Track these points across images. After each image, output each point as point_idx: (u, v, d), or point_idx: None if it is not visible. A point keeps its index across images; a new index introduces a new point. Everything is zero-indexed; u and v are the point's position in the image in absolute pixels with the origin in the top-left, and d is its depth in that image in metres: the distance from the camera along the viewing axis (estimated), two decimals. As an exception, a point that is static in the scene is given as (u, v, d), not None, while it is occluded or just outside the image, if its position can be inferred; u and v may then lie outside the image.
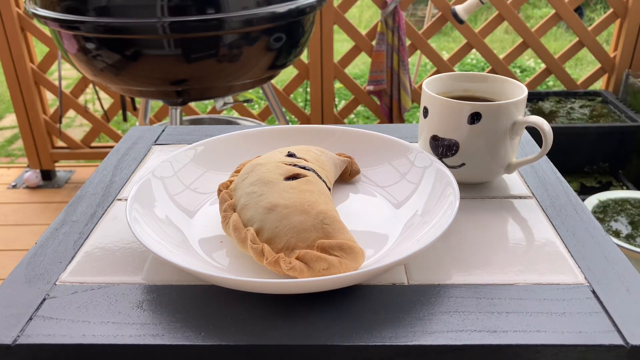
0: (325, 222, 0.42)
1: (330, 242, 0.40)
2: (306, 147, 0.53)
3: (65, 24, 1.05)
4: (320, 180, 0.47)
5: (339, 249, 0.40)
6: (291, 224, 0.41)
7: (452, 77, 0.58)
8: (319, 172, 0.49)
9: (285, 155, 0.50)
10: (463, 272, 0.43)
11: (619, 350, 0.36)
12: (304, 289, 0.38)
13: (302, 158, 0.50)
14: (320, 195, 0.45)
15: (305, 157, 0.50)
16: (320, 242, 0.40)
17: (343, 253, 0.40)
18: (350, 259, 0.40)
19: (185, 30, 1.02)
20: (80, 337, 0.37)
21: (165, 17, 1.01)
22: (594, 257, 0.45)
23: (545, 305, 0.39)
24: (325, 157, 0.53)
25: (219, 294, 0.41)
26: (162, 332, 0.38)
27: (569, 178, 1.75)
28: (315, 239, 0.41)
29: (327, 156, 0.53)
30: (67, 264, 0.45)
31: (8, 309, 0.40)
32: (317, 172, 0.48)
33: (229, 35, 1.07)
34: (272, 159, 0.49)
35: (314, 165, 0.49)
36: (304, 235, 0.41)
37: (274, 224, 0.42)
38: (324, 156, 0.53)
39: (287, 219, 0.42)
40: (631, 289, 0.41)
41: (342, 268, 0.39)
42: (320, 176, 0.48)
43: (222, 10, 1.04)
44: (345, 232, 0.42)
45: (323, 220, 0.42)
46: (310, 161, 0.50)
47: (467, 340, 0.36)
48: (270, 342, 0.37)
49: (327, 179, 0.49)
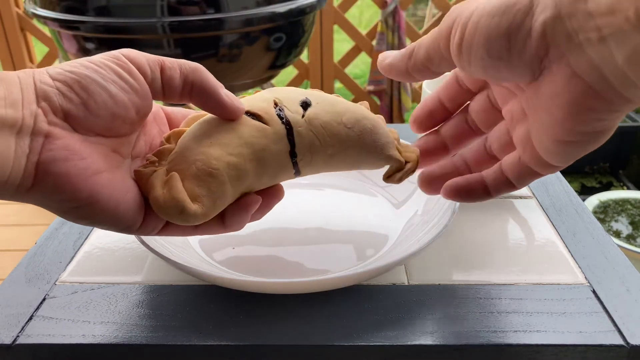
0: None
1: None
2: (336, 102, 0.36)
3: (65, 23, 1.05)
4: (280, 139, 0.34)
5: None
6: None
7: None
8: (303, 134, 0.34)
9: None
10: (463, 272, 0.43)
11: (619, 350, 0.36)
12: (304, 289, 0.38)
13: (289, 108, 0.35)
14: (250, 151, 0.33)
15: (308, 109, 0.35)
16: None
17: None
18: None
19: (185, 30, 1.02)
20: (80, 337, 0.37)
21: (165, 17, 1.01)
22: (595, 257, 0.45)
23: (546, 305, 0.39)
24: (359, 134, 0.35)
25: (219, 294, 0.41)
26: (162, 332, 0.37)
27: (570, 178, 1.75)
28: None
29: (369, 134, 0.36)
30: (67, 264, 0.45)
31: (8, 309, 0.40)
32: (296, 131, 0.34)
33: (228, 35, 1.07)
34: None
35: (305, 126, 0.34)
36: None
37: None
38: (369, 134, 0.36)
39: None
40: (631, 289, 0.41)
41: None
42: (296, 137, 0.34)
43: (222, 10, 1.04)
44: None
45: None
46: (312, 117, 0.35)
47: (467, 340, 0.36)
48: (270, 342, 0.37)
49: (311, 149, 0.35)
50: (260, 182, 0.35)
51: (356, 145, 0.35)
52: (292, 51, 1.21)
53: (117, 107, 0.30)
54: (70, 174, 0.28)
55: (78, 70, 0.29)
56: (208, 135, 0.33)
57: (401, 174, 0.37)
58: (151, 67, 0.31)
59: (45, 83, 0.28)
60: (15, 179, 0.27)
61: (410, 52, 0.34)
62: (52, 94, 0.28)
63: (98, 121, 0.29)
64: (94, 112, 0.29)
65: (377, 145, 0.36)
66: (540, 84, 0.28)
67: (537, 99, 0.29)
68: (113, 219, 0.30)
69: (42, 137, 0.27)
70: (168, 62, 0.32)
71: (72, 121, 0.29)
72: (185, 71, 0.32)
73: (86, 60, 0.30)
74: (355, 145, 0.35)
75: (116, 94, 0.30)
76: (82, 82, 0.29)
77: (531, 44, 0.26)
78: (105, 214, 0.30)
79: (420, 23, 3.39)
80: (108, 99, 0.29)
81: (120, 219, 0.31)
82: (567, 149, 0.29)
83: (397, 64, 0.35)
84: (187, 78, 0.32)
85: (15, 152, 0.27)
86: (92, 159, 0.29)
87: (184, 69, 0.32)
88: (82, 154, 0.28)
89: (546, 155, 0.31)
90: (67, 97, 0.28)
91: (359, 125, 0.35)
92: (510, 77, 0.29)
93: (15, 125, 0.27)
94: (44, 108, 0.28)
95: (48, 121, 0.28)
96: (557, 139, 0.29)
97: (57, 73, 0.29)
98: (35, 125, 0.27)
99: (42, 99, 0.28)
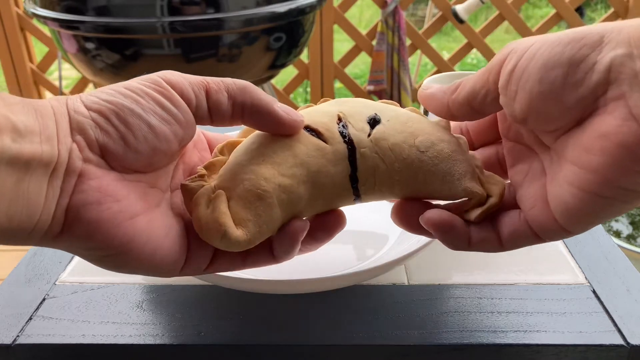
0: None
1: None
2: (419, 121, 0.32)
3: (65, 23, 1.05)
4: (338, 161, 0.30)
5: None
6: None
7: (453, 77, 0.58)
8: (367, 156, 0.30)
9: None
10: (463, 272, 0.43)
11: (619, 350, 0.36)
12: (304, 289, 0.38)
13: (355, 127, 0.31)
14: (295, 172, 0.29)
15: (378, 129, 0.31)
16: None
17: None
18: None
19: (185, 29, 1.02)
20: (80, 337, 0.37)
21: (164, 17, 1.01)
22: (595, 257, 0.45)
23: (546, 305, 0.39)
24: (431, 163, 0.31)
25: (219, 294, 0.41)
26: (162, 332, 0.37)
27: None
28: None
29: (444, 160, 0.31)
30: (67, 264, 0.45)
31: (8, 309, 0.40)
32: (359, 152, 0.30)
33: (228, 35, 1.07)
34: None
35: (370, 148, 0.30)
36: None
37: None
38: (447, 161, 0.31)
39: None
40: (631, 289, 0.41)
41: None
42: (358, 159, 0.30)
43: (222, 9, 1.04)
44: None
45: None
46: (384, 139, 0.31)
47: (467, 340, 0.36)
48: (270, 342, 0.37)
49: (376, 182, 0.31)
50: (314, 208, 0.31)
51: (428, 172, 0.30)
52: (292, 51, 1.21)
53: (158, 141, 0.27)
54: (102, 220, 0.25)
55: (115, 99, 0.26)
56: (261, 152, 0.30)
57: (481, 211, 0.30)
58: (195, 92, 0.28)
59: (79, 113, 0.25)
60: (43, 225, 0.24)
61: (456, 86, 0.31)
62: (88, 125, 0.25)
63: (137, 157, 0.26)
64: (133, 147, 0.26)
65: (454, 174, 0.30)
66: (584, 128, 0.25)
67: (571, 148, 0.26)
68: (150, 266, 0.27)
69: (74, 177, 0.25)
70: (213, 83, 0.29)
71: (109, 157, 0.26)
72: (233, 93, 0.29)
73: (123, 87, 0.27)
74: (427, 172, 0.30)
75: (157, 126, 0.26)
76: (120, 113, 0.26)
77: (592, 78, 0.24)
78: (141, 262, 0.27)
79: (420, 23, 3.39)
80: (149, 132, 0.26)
81: (158, 265, 0.27)
82: (594, 208, 0.25)
83: (439, 95, 0.31)
84: (236, 100, 0.29)
85: (47, 195, 0.24)
86: (127, 201, 0.26)
87: (232, 91, 0.29)
88: (116, 196, 0.25)
89: (563, 214, 0.26)
90: (104, 129, 0.26)
91: (434, 149, 0.30)
92: (554, 114, 0.26)
93: (51, 164, 0.24)
94: (79, 142, 0.25)
95: (83, 158, 0.25)
96: (589, 191, 0.25)
97: (92, 102, 0.26)
98: (70, 162, 0.24)
99: (77, 131, 0.25)
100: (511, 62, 0.27)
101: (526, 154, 0.30)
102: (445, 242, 0.30)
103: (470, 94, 0.29)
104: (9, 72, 1.93)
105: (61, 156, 0.24)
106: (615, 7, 1.88)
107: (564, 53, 0.25)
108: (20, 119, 0.23)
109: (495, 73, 0.28)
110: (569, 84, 0.25)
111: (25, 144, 0.23)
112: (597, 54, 0.24)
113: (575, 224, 0.26)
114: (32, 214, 0.23)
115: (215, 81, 0.29)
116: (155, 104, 0.27)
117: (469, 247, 0.30)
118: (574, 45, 0.25)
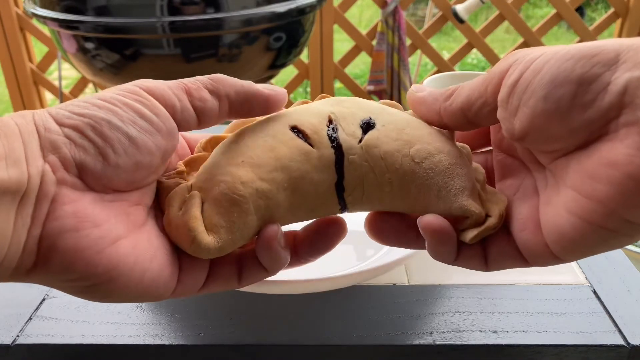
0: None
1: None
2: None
3: (65, 23, 1.05)
4: (326, 167, 0.28)
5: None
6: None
7: (453, 77, 0.58)
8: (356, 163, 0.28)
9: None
10: (463, 272, 0.43)
11: (619, 351, 0.36)
12: (304, 289, 0.38)
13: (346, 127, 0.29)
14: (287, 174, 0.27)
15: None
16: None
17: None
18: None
19: (185, 29, 1.02)
20: (80, 337, 0.37)
21: (164, 17, 1.01)
22: (595, 257, 0.45)
23: (546, 306, 0.39)
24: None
25: (219, 294, 0.41)
26: (162, 332, 0.37)
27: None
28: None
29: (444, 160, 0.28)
30: (67, 264, 0.45)
31: (7, 309, 0.40)
32: (347, 160, 0.28)
33: (228, 35, 1.07)
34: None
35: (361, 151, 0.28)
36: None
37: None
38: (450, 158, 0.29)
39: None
40: (632, 289, 0.41)
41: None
42: (346, 167, 0.28)
43: (221, 9, 1.04)
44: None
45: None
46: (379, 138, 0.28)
47: (467, 340, 0.36)
48: (270, 342, 0.37)
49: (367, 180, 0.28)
50: (295, 216, 0.28)
51: (422, 186, 0.28)
52: (292, 51, 1.21)
53: (140, 154, 0.24)
54: (81, 248, 0.22)
55: (89, 112, 0.24)
56: (241, 152, 0.28)
57: (477, 232, 0.27)
58: (177, 95, 0.26)
59: (50, 130, 0.23)
60: (11, 260, 0.22)
61: (450, 92, 0.28)
62: (62, 143, 0.23)
63: (118, 173, 0.24)
64: (113, 162, 0.24)
65: (450, 190, 0.28)
66: (590, 152, 0.23)
67: (573, 172, 0.24)
68: (139, 292, 0.25)
69: (47, 202, 0.22)
70: (190, 83, 0.27)
71: (87, 176, 0.23)
72: (212, 87, 0.27)
73: (96, 98, 0.25)
74: (421, 185, 0.28)
75: (138, 138, 0.24)
76: (97, 126, 0.23)
77: (604, 99, 0.22)
78: (129, 289, 0.24)
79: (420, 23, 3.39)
80: (129, 145, 0.24)
81: (147, 290, 0.25)
82: (594, 239, 0.23)
83: (429, 101, 0.29)
84: (219, 93, 0.27)
85: (15, 225, 0.21)
86: (108, 224, 0.24)
87: (211, 85, 0.27)
88: (95, 220, 0.23)
89: (557, 243, 0.24)
90: (80, 145, 0.23)
91: (430, 160, 0.28)
92: (557, 135, 0.24)
93: (19, 190, 0.21)
94: (53, 162, 0.23)
95: (57, 179, 0.22)
96: (590, 221, 0.23)
97: (63, 116, 0.23)
98: (42, 186, 0.22)
99: (49, 150, 0.23)
100: (515, 73, 0.25)
101: (518, 169, 0.29)
102: (434, 252, 0.28)
103: (465, 104, 0.27)
104: (8, 72, 1.93)
105: (32, 180, 0.22)
106: (615, 7, 1.88)
107: (574, 70, 0.23)
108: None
109: (495, 84, 0.26)
110: (578, 104, 0.23)
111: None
112: (611, 73, 0.22)
113: (569, 253, 0.25)
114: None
115: (190, 81, 0.27)
116: (134, 113, 0.24)
117: (454, 262, 0.28)
118: (586, 62, 0.23)
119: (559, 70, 0.23)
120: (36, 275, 0.23)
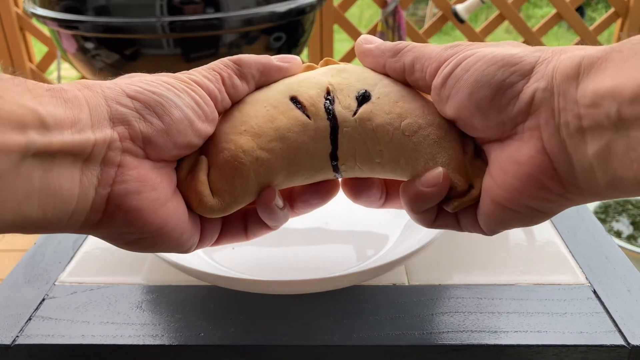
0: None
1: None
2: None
3: (65, 23, 1.05)
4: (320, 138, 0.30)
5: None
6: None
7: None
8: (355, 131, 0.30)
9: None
10: (463, 272, 0.43)
11: (620, 351, 0.36)
12: (304, 289, 0.38)
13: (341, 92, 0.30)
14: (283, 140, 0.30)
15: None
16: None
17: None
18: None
19: (185, 29, 1.02)
20: (80, 337, 0.37)
21: (164, 16, 1.01)
22: (595, 257, 0.45)
23: (546, 306, 0.39)
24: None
25: (219, 294, 0.41)
26: (162, 333, 0.37)
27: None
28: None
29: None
30: (66, 264, 0.45)
31: (7, 309, 0.40)
32: (341, 132, 0.30)
33: (228, 35, 1.07)
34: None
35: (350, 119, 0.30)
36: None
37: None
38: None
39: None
40: (632, 289, 0.41)
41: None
42: (340, 138, 0.30)
43: (221, 9, 1.04)
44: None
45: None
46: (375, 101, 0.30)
47: (467, 341, 0.36)
48: (270, 342, 0.37)
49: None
50: (292, 181, 0.31)
51: (410, 158, 0.30)
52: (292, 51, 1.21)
53: (193, 136, 0.28)
54: (142, 208, 0.26)
55: (159, 90, 0.26)
56: (244, 120, 0.30)
57: (458, 202, 0.29)
58: (218, 88, 0.29)
59: (121, 104, 0.25)
60: (80, 214, 0.25)
61: (398, 49, 0.30)
62: (132, 117, 0.25)
63: (174, 149, 0.27)
64: (174, 139, 0.27)
65: (437, 161, 0.29)
66: (504, 146, 0.27)
67: (492, 161, 0.28)
68: (175, 246, 0.29)
69: (114, 167, 0.25)
70: (222, 72, 0.30)
71: (150, 148, 0.26)
72: (239, 72, 0.30)
73: (159, 79, 0.27)
74: (409, 157, 0.30)
75: (195, 122, 0.27)
76: (165, 105, 0.26)
77: (515, 105, 0.26)
78: (169, 243, 0.28)
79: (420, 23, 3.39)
80: (188, 126, 0.27)
81: (182, 244, 0.29)
82: (503, 217, 0.28)
83: (376, 53, 0.31)
84: (245, 76, 0.30)
85: (81, 183, 0.24)
86: (161, 188, 0.27)
87: (237, 71, 0.30)
88: (153, 184, 0.26)
89: (479, 216, 0.29)
90: (149, 120, 0.26)
91: (420, 134, 0.29)
92: (478, 127, 0.28)
93: (83, 153, 0.24)
94: (121, 133, 0.25)
95: (123, 148, 0.25)
96: (498, 202, 0.27)
97: (135, 91, 0.26)
98: (108, 153, 0.25)
99: (118, 122, 0.25)
100: (449, 67, 0.28)
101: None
102: (418, 210, 0.30)
103: (408, 68, 0.30)
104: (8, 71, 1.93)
105: (96, 146, 0.24)
106: (615, 7, 1.88)
107: (495, 75, 0.26)
108: (48, 111, 0.23)
109: (434, 68, 0.29)
110: (494, 106, 0.26)
111: (54, 136, 0.23)
112: (524, 82, 0.26)
113: (489, 226, 0.29)
114: (67, 204, 0.24)
115: (222, 69, 0.30)
116: (191, 100, 0.27)
117: (431, 224, 0.31)
118: (506, 70, 0.26)
119: (483, 74, 0.26)
120: (101, 229, 0.26)
